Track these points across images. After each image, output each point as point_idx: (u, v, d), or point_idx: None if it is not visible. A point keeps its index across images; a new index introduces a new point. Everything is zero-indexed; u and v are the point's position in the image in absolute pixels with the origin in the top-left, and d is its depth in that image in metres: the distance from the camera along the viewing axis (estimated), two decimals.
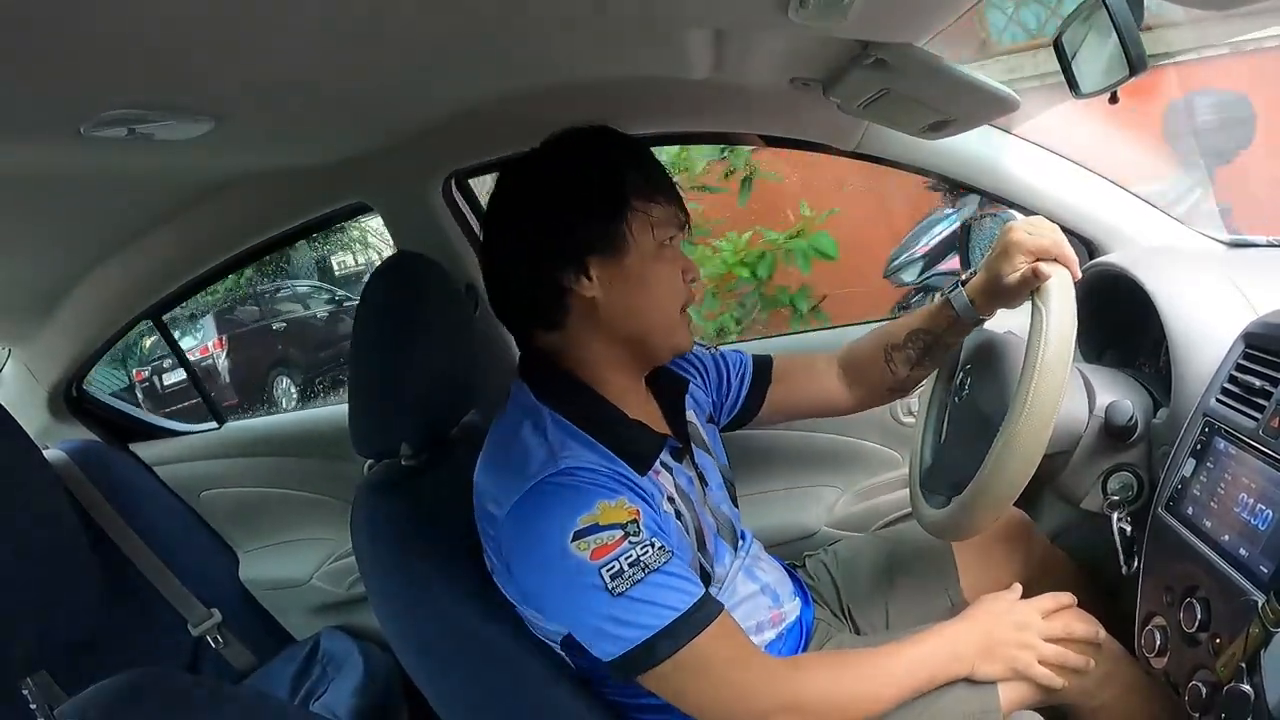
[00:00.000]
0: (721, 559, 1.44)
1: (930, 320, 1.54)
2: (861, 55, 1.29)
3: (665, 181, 1.35)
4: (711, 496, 1.48)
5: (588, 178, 1.31)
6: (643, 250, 1.30)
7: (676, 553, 1.24)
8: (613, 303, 1.32)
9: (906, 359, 1.58)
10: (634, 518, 1.20)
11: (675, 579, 1.20)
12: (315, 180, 1.83)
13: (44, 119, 1.04)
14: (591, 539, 1.17)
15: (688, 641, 1.18)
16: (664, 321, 1.36)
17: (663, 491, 1.34)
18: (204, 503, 2.62)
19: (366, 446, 1.55)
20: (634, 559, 1.17)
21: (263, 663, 2.51)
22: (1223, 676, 1.03)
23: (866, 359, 1.64)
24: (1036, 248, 1.31)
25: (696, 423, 1.55)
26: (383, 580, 1.42)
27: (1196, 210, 3.86)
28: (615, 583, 1.16)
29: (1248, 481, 1.11)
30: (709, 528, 1.43)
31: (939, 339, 1.55)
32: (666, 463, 1.39)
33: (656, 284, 1.33)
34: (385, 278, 1.54)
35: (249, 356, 8.29)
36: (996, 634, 1.31)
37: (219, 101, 1.16)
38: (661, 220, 1.32)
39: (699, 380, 1.61)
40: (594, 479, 1.22)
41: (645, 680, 1.22)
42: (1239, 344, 1.25)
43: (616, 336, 1.35)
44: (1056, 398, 1.18)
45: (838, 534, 2.08)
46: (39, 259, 1.87)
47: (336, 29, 1.02)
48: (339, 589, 2.51)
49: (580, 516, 1.18)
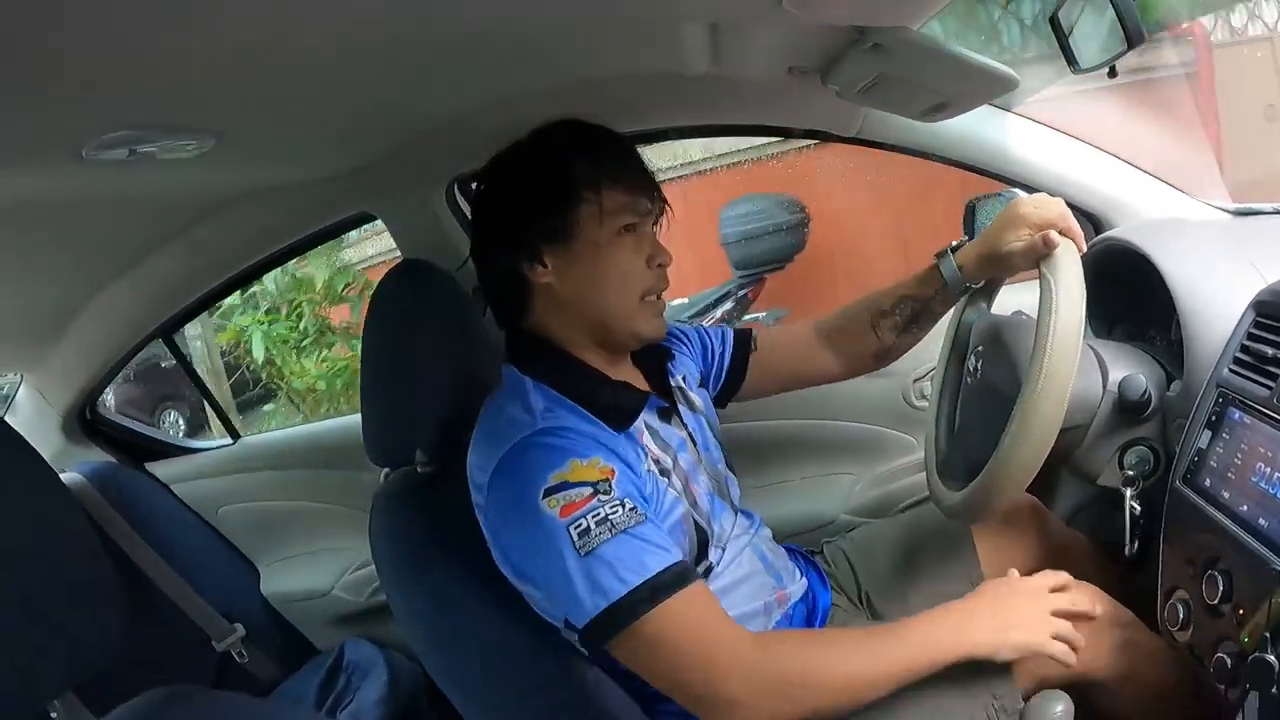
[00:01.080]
0: (719, 517, 1.44)
1: (918, 287, 1.56)
2: (857, 41, 1.28)
3: (621, 169, 1.36)
4: (706, 457, 1.50)
5: (538, 169, 1.35)
6: (593, 238, 1.33)
7: (653, 517, 1.24)
8: (568, 289, 1.36)
9: (893, 325, 1.60)
10: (606, 477, 1.21)
11: (645, 542, 1.19)
12: (318, 192, 1.83)
13: (45, 143, 1.05)
14: (560, 496, 1.18)
15: (652, 608, 1.16)
16: (620, 308, 1.37)
17: (646, 453, 1.35)
18: (222, 518, 2.62)
19: (381, 455, 1.56)
20: (601, 517, 1.17)
21: (288, 675, 2.52)
22: (1247, 647, 1.02)
23: (853, 326, 1.65)
24: (1042, 220, 1.32)
25: (685, 387, 1.56)
26: (403, 588, 1.42)
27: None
28: (582, 540, 1.16)
29: (1264, 451, 1.10)
30: (703, 486, 1.44)
31: (926, 306, 1.57)
32: (652, 424, 1.40)
33: (610, 271, 1.35)
34: (393, 286, 1.54)
35: (139, 392, 8.31)
36: (1008, 612, 1.30)
37: (220, 118, 1.16)
38: (614, 208, 1.33)
39: (686, 350, 1.63)
40: (570, 438, 1.23)
41: (615, 651, 1.21)
42: (1249, 313, 1.25)
43: (578, 321, 1.38)
44: (1071, 368, 1.18)
45: (856, 521, 2.08)
46: (46, 283, 1.87)
47: (334, 40, 1.02)
48: (360, 598, 2.52)
49: (552, 474, 1.19)
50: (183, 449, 2.71)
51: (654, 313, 1.40)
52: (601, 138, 1.39)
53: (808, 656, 1.24)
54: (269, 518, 2.60)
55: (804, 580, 1.56)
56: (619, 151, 1.39)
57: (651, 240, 1.40)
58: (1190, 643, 1.16)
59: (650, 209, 1.39)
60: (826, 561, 1.73)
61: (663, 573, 1.18)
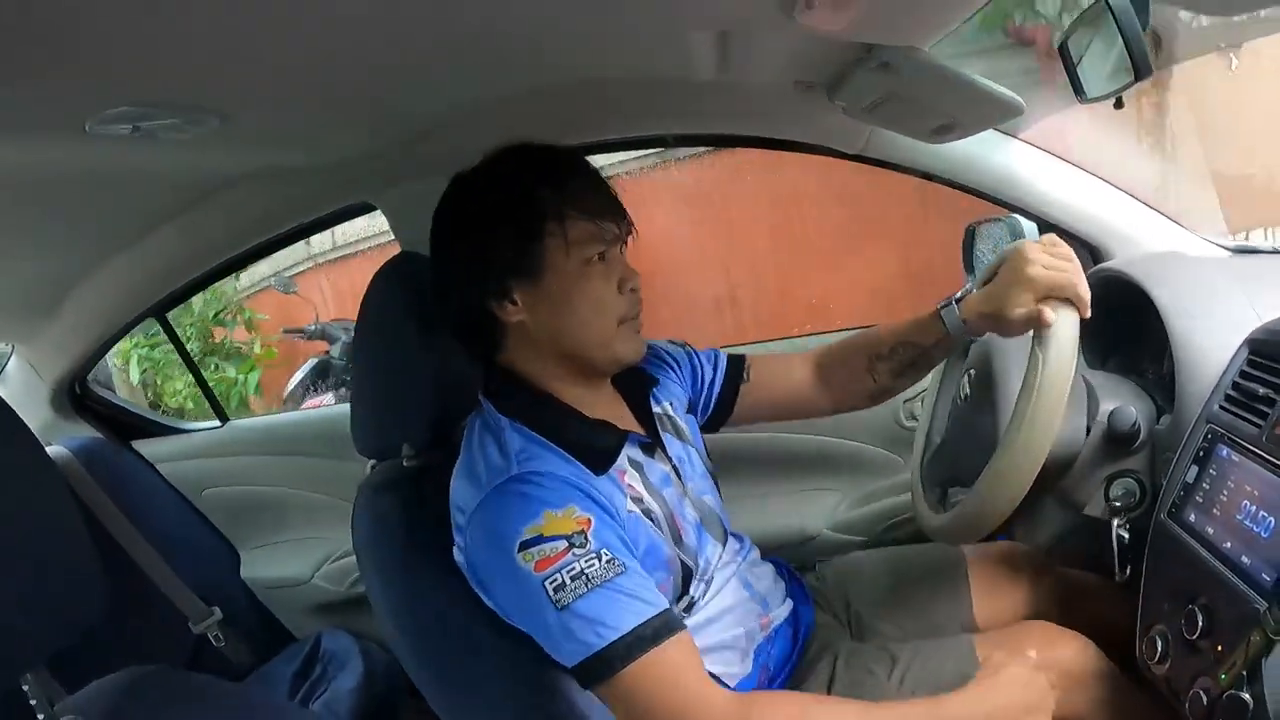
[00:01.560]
0: (704, 551, 1.42)
1: (919, 333, 1.51)
2: (866, 58, 1.28)
3: (587, 198, 1.31)
4: (692, 489, 1.47)
5: (501, 202, 1.30)
6: (562, 271, 1.29)
7: (632, 566, 1.22)
8: (540, 324, 1.32)
9: (890, 370, 1.56)
10: (582, 528, 1.18)
11: (623, 595, 1.18)
12: (320, 179, 1.83)
13: (49, 115, 1.05)
14: (535, 550, 1.16)
15: (626, 665, 1.16)
16: (597, 337, 1.34)
17: (625, 492, 1.33)
18: (206, 501, 2.62)
19: (368, 446, 1.56)
20: (577, 571, 1.16)
21: (263, 661, 2.51)
22: (1223, 684, 1.02)
23: (848, 365, 1.62)
24: (1050, 286, 1.25)
25: (673, 414, 1.54)
26: (383, 580, 1.42)
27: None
28: (559, 595, 1.15)
29: (1250, 489, 1.10)
30: (689, 521, 1.41)
31: (925, 353, 1.53)
32: (635, 460, 1.38)
33: (582, 302, 1.31)
34: (388, 278, 1.54)
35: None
36: (1005, 698, 1.31)
37: (224, 99, 1.16)
38: (581, 239, 1.29)
39: (674, 375, 1.60)
40: (545, 485, 1.21)
41: (598, 693, 1.21)
42: (1243, 350, 1.25)
43: (554, 354, 1.35)
44: (1048, 438, 1.18)
45: (839, 538, 2.08)
46: (43, 256, 1.87)
47: (341, 28, 1.02)
48: (340, 588, 2.51)
49: (526, 527, 1.17)
50: (170, 429, 2.70)
51: (632, 333, 1.37)
52: (562, 163, 1.34)
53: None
54: (253, 502, 2.60)
55: (789, 603, 1.55)
56: (580, 177, 1.34)
57: (621, 265, 1.36)
58: (1167, 676, 1.16)
59: (617, 233, 1.34)
60: (817, 579, 1.73)
61: (640, 628, 1.17)
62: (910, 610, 1.63)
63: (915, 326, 1.51)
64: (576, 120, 1.78)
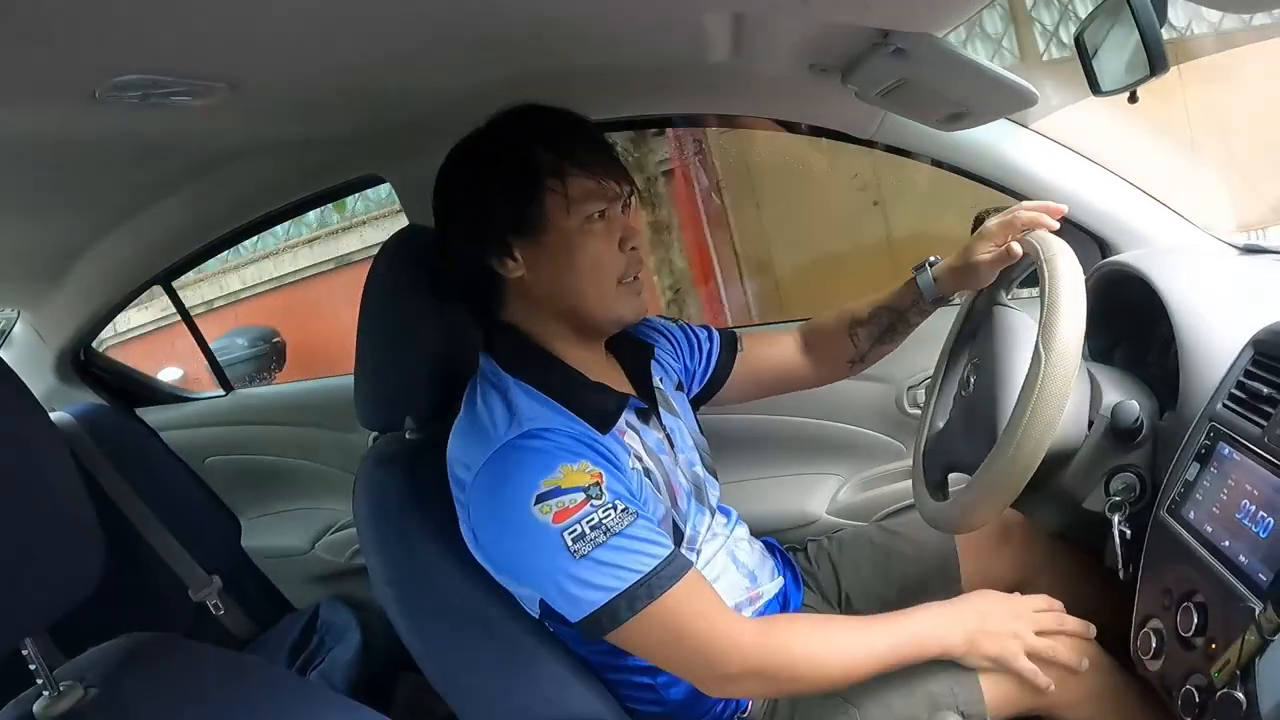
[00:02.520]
0: (693, 518, 1.45)
1: (894, 298, 1.62)
2: (881, 44, 1.28)
3: (587, 156, 1.32)
4: (682, 458, 1.50)
5: (501, 160, 1.32)
6: (562, 228, 1.31)
7: (643, 512, 1.25)
8: (541, 281, 1.34)
9: (869, 334, 1.65)
10: (596, 480, 1.21)
11: (639, 540, 1.21)
12: (329, 151, 1.83)
13: (58, 81, 1.04)
14: (553, 502, 1.18)
15: (650, 601, 1.20)
16: (597, 295, 1.36)
17: (629, 450, 1.35)
18: (208, 469, 2.63)
19: (371, 419, 1.56)
20: (595, 522, 1.19)
21: (262, 630, 2.53)
22: (1216, 682, 1.02)
23: (831, 332, 1.69)
24: (1000, 226, 1.41)
25: (664, 389, 1.56)
26: (382, 552, 1.42)
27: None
28: (577, 545, 1.18)
29: (1251, 488, 1.10)
30: (680, 487, 1.44)
31: (902, 316, 1.62)
32: (632, 423, 1.41)
33: (582, 259, 1.33)
34: (394, 251, 1.54)
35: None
36: (987, 622, 1.33)
37: (234, 69, 1.15)
38: (581, 196, 1.31)
39: (668, 348, 1.63)
40: (557, 441, 1.23)
41: (612, 638, 1.23)
42: (1248, 350, 1.24)
43: (554, 311, 1.37)
44: (1049, 432, 1.18)
45: (839, 522, 2.08)
46: (51, 223, 1.87)
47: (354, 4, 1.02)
48: (339, 559, 2.53)
49: (542, 480, 1.19)
50: (175, 396, 2.71)
51: (632, 294, 1.39)
52: (563, 123, 1.36)
53: (803, 641, 1.28)
54: (255, 472, 2.61)
55: (780, 579, 1.57)
56: (583, 136, 1.36)
57: (622, 223, 1.37)
58: (1160, 673, 1.17)
59: (619, 193, 1.36)
60: (808, 560, 1.74)
61: (658, 568, 1.21)
62: (900, 589, 1.66)
63: (891, 293, 1.62)
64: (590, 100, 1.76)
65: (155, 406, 2.65)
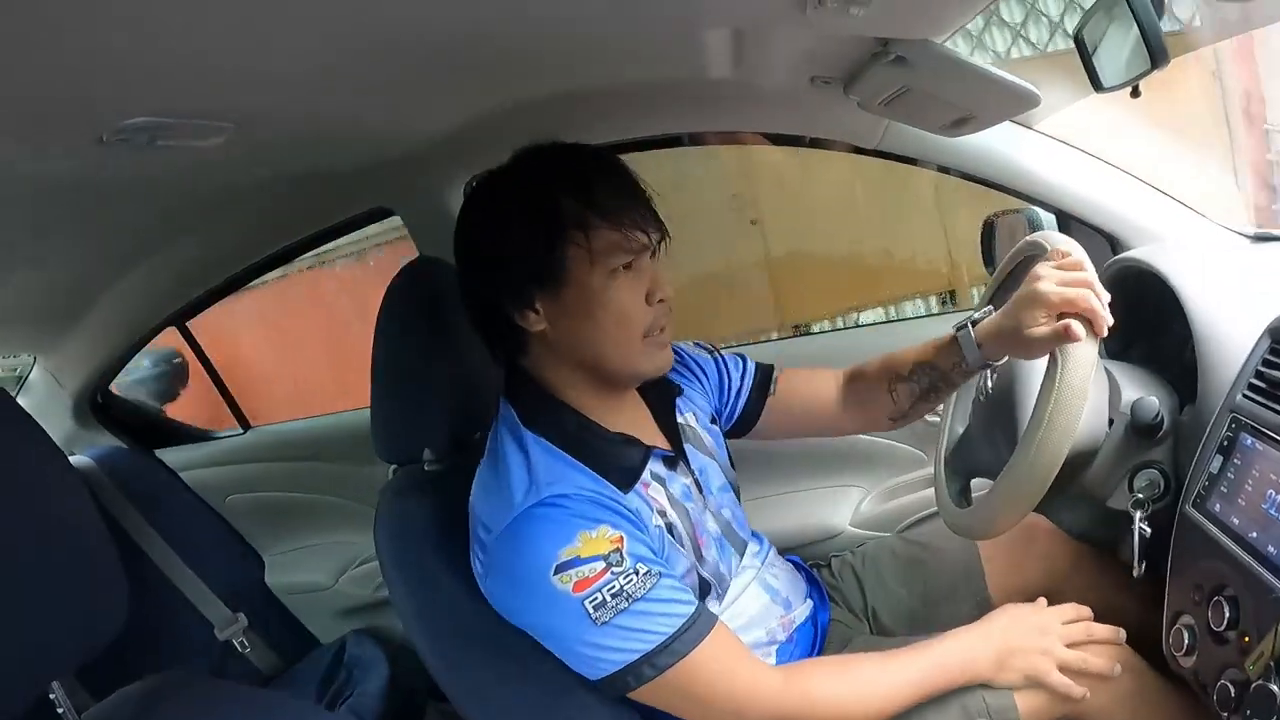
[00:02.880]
0: (725, 561, 1.43)
1: (937, 357, 1.48)
2: (881, 53, 1.28)
3: (613, 204, 1.25)
4: (712, 501, 1.46)
5: (522, 206, 1.26)
6: (585, 282, 1.25)
7: (666, 570, 1.23)
8: (561, 335, 1.29)
9: (910, 393, 1.53)
10: (616, 546, 1.19)
11: (661, 603, 1.20)
12: (337, 185, 1.84)
13: (65, 127, 1.05)
14: (573, 572, 1.16)
15: (673, 662, 1.19)
16: (621, 351, 1.30)
17: (651, 506, 1.32)
18: (229, 507, 2.64)
19: (389, 452, 1.56)
20: (616, 589, 1.16)
21: (289, 666, 2.53)
22: (1251, 675, 1.02)
23: (870, 386, 1.59)
24: (1063, 302, 1.19)
25: (696, 426, 1.52)
26: (406, 584, 1.42)
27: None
28: (599, 613, 1.16)
29: (1276, 477, 1.09)
30: (709, 535, 1.41)
31: (944, 376, 1.48)
32: (658, 473, 1.37)
33: (604, 314, 1.27)
34: (407, 283, 1.54)
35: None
36: (1014, 640, 1.31)
37: (239, 107, 1.16)
38: (605, 249, 1.24)
39: (698, 385, 1.59)
40: (574, 509, 1.20)
41: (635, 696, 1.22)
42: (1265, 339, 1.24)
43: (575, 364, 1.32)
44: (1067, 437, 1.17)
45: (863, 534, 2.08)
46: (64, 267, 1.88)
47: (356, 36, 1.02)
48: (364, 592, 2.52)
49: (561, 550, 1.17)
50: (193, 435, 2.72)
51: (657, 348, 1.33)
52: (590, 167, 1.29)
53: (832, 685, 1.27)
54: (276, 508, 2.61)
55: (809, 602, 1.56)
56: (609, 180, 1.28)
57: (649, 275, 1.30)
58: (1194, 669, 1.16)
59: (646, 243, 1.28)
60: (833, 575, 1.73)
61: (682, 628, 1.20)
62: (925, 599, 1.65)
63: (935, 349, 1.48)
64: (594, 123, 1.78)
65: (174, 447, 2.66)
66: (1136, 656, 1.36)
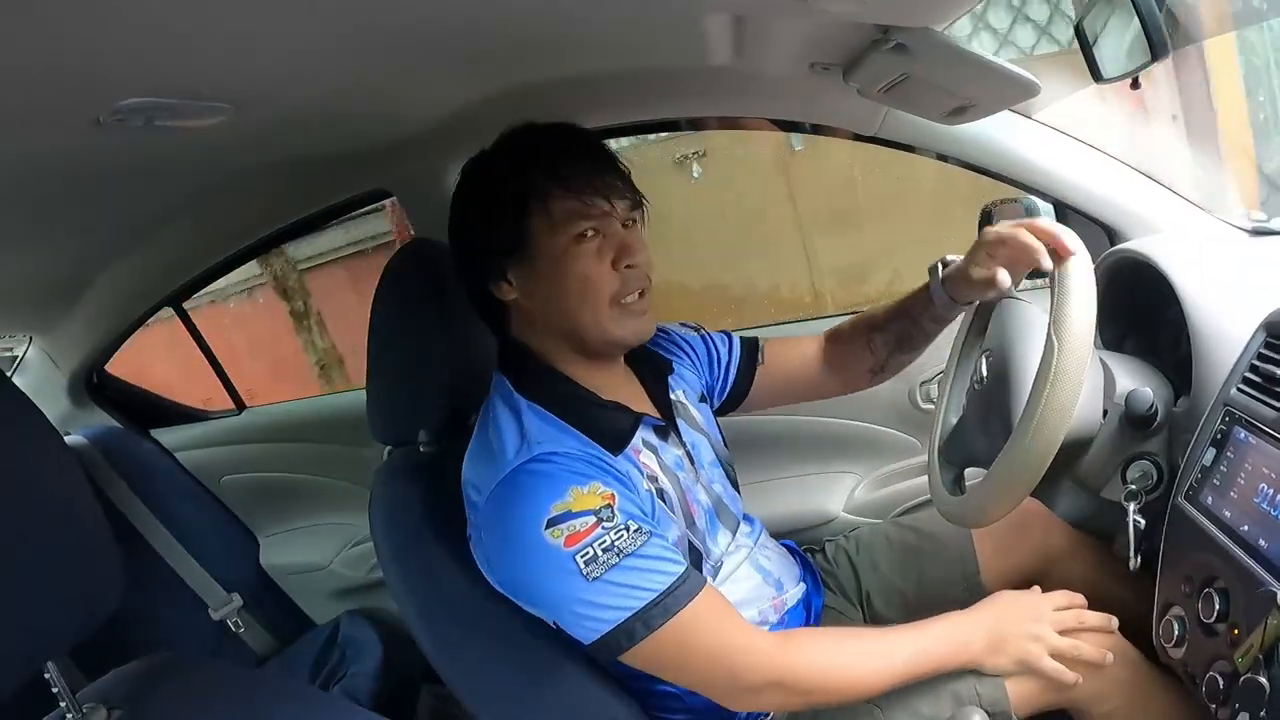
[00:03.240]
0: (715, 537, 1.44)
1: (909, 302, 1.57)
2: (881, 40, 1.27)
3: (575, 173, 1.29)
4: (704, 475, 1.48)
5: (494, 182, 1.33)
6: (549, 249, 1.29)
7: (656, 531, 1.24)
8: (534, 304, 1.34)
9: (886, 342, 1.62)
10: (608, 502, 1.20)
11: (652, 559, 1.21)
12: (334, 167, 1.83)
13: (62, 108, 1.05)
14: (564, 526, 1.17)
15: (665, 621, 1.19)
16: (590, 316, 1.32)
17: (642, 471, 1.34)
18: (225, 488, 2.64)
19: (384, 433, 1.56)
20: (608, 544, 1.18)
21: (283, 647, 2.54)
22: (1240, 667, 1.02)
23: (849, 341, 1.67)
24: (995, 238, 1.32)
25: (686, 402, 1.55)
26: (400, 565, 1.42)
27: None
28: (590, 568, 1.17)
29: (1268, 471, 1.10)
30: (700, 505, 1.43)
31: (915, 323, 1.57)
32: (650, 441, 1.40)
33: (571, 280, 1.30)
34: (404, 264, 1.54)
35: None
36: (1006, 626, 1.32)
37: (236, 88, 1.16)
38: (565, 215, 1.28)
39: (688, 362, 1.62)
40: (567, 464, 1.22)
41: (628, 658, 1.23)
42: (1260, 333, 1.24)
43: (554, 333, 1.36)
44: (1063, 424, 1.17)
45: (856, 520, 2.08)
46: (59, 248, 1.88)
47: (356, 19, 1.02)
48: (359, 574, 2.53)
49: (553, 504, 1.18)
50: (188, 416, 2.72)
51: (631, 315, 1.35)
52: (559, 140, 1.34)
53: (824, 654, 1.28)
54: (270, 489, 2.62)
55: (802, 584, 1.56)
56: (575, 153, 1.33)
57: (618, 241, 1.33)
58: (1183, 660, 1.16)
59: (608, 209, 1.31)
60: (826, 560, 1.74)
61: (672, 586, 1.20)
62: (919, 584, 1.66)
63: (908, 296, 1.56)
64: (591, 106, 1.77)
65: (170, 427, 2.67)
66: (1129, 645, 1.37)
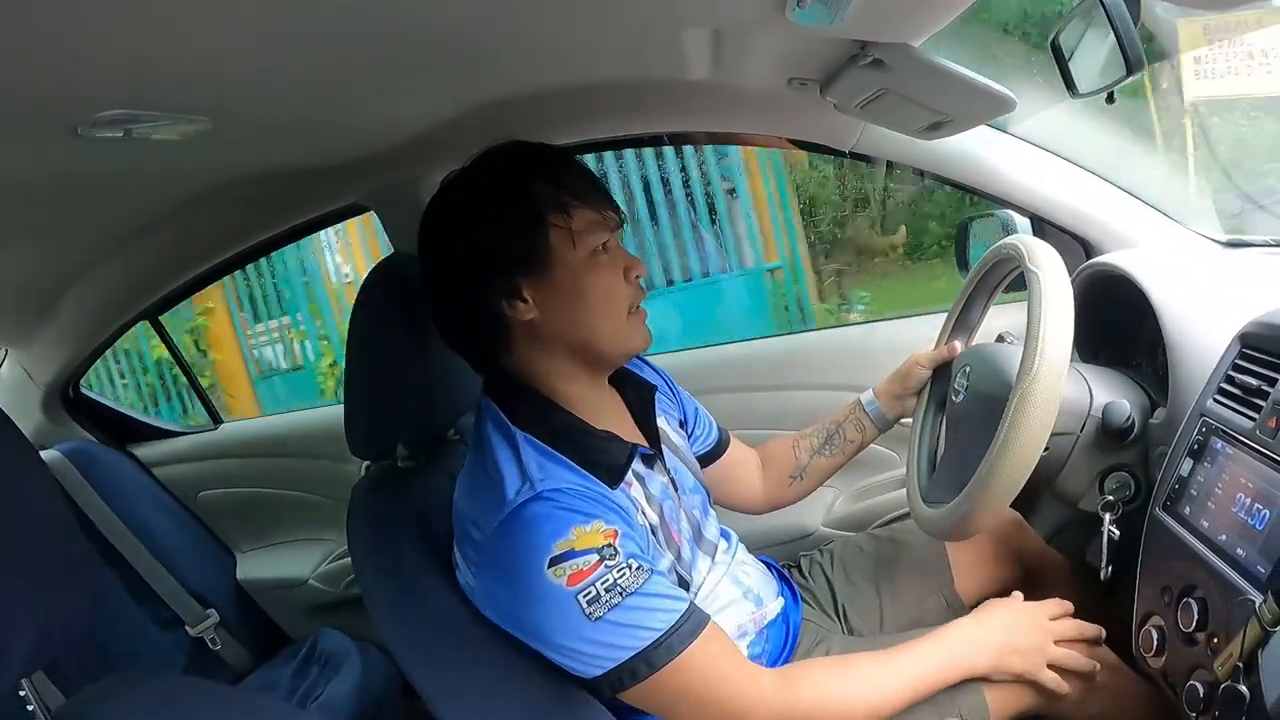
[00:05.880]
0: (696, 565, 1.43)
1: (842, 415, 1.73)
2: (859, 55, 1.28)
3: (582, 187, 1.29)
4: (685, 501, 1.47)
5: (500, 198, 1.28)
6: (570, 263, 1.27)
7: (655, 569, 1.23)
8: (552, 320, 1.29)
9: (809, 446, 1.73)
10: (610, 540, 1.18)
11: (655, 597, 1.19)
12: (312, 180, 1.82)
13: (40, 119, 1.04)
14: (567, 565, 1.15)
15: (670, 659, 1.18)
16: (610, 327, 1.32)
17: (636, 505, 1.32)
18: (201, 503, 2.62)
19: (362, 448, 1.55)
20: (610, 583, 1.16)
21: (260, 663, 2.52)
22: (1220, 676, 1.02)
23: (778, 447, 1.78)
24: (936, 355, 1.62)
25: (668, 428, 1.54)
26: (378, 581, 1.41)
27: None
28: (592, 608, 1.15)
29: (1245, 481, 1.10)
30: (683, 535, 1.41)
31: (839, 428, 1.71)
32: (639, 471, 1.37)
33: (593, 292, 1.29)
34: (381, 279, 1.53)
35: None
36: (1015, 639, 1.32)
37: (214, 100, 1.15)
38: (585, 228, 1.28)
39: (663, 385, 1.62)
40: (569, 503, 1.20)
41: (629, 696, 1.22)
42: (1235, 344, 1.25)
43: (564, 349, 1.33)
44: (1055, 400, 1.18)
45: (834, 534, 2.09)
46: (36, 259, 1.86)
47: (332, 31, 1.02)
48: (336, 589, 2.52)
49: (556, 543, 1.16)
50: (164, 431, 2.70)
51: (641, 324, 1.36)
52: (555, 156, 1.33)
53: (828, 685, 1.27)
54: (248, 504, 2.60)
55: (781, 600, 1.56)
56: (573, 170, 1.32)
57: (623, 254, 1.34)
58: (1163, 669, 1.17)
59: (618, 221, 1.34)
60: (803, 575, 1.74)
61: (676, 624, 1.19)
62: (893, 595, 1.66)
63: (841, 411, 1.74)
64: (570, 120, 1.78)
65: (146, 442, 2.65)
66: (1108, 651, 1.38)
